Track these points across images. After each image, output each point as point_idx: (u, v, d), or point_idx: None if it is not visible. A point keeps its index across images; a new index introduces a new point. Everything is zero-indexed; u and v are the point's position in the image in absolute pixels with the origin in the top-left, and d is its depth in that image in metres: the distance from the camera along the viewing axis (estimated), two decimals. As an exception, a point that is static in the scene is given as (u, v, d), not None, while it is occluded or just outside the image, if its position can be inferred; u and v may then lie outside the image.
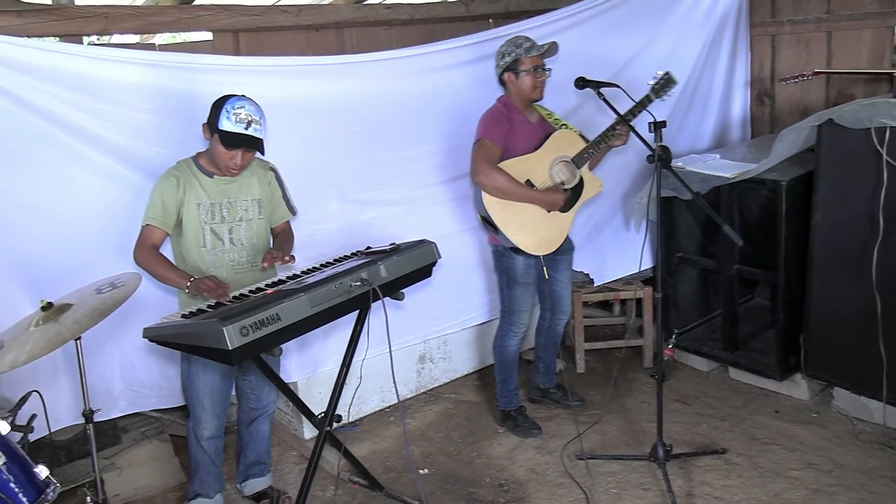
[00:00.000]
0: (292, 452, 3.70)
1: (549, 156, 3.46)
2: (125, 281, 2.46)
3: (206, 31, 3.77)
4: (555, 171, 3.45)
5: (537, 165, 3.44)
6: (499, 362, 3.74)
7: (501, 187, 3.32)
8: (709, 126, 4.78)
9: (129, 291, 2.41)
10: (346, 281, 2.66)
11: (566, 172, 3.47)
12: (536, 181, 3.42)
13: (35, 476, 2.12)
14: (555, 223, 3.49)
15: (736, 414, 3.76)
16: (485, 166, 3.30)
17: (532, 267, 3.54)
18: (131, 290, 2.42)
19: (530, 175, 3.42)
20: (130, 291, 2.41)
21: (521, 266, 3.50)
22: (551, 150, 3.47)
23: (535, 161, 3.44)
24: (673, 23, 4.43)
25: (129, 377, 3.32)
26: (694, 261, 4.32)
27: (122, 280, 2.48)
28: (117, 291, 2.40)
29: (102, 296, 2.41)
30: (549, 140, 3.47)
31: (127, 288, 2.42)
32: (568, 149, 3.48)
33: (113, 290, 2.41)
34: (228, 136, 2.71)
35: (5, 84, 2.80)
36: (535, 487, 3.27)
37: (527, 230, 3.42)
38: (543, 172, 3.44)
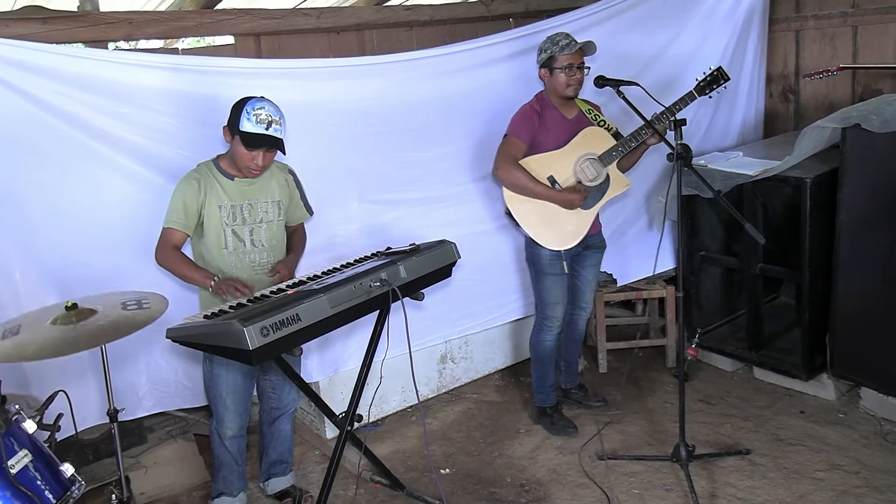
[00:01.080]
0: (315, 452, 3.72)
1: (575, 152, 3.46)
2: (152, 304, 2.48)
3: (228, 34, 3.82)
4: (579, 167, 3.45)
5: (562, 161, 3.45)
6: (534, 358, 3.75)
7: (518, 184, 3.39)
8: (736, 123, 4.73)
9: (153, 316, 2.41)
10: (366, 281, 2.67)
11: (592, 170, 3.46)
12: (559, 177, 3.43)
13: (61, 474, 2.16)
14: (575, 219, 3.49)
15: (760, 414, 3.72)
16: (504, 162, 3.39)
17: (558, 258, 3.54)
18: (156, 315, 2.42)
19: (553, 171, 3.43)
20: (155, 316, 2.42)
21: (546, 257, 3.52)
22: (578, 146, 3.46)
23: (561, 157, 3.45)
24: (697, 20, 4.39)
25: (154, 377, 3.37)
26: (717, 259, 4.28)
27: (150, 302, 2.49)
28: (142, 313, 2.42)
29: (126, 313, 2.42)
30: (577, 136, 3.47)
31: (152, 312, 2.43)
32: (596, 146, 3.47)
33: (138, 310, 2.43)
34: (249, 136, 2.74)
35: (33, 90, 2.86)
36: (556, 488, 3.27)
37: (544, 225, 3.47)
38: (567, 169, 3.44)
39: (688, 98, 3.46)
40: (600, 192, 3.51)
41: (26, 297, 3.00)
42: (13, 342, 2.29)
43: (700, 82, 3.49)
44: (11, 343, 2.28)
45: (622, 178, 3.56)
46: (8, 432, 2.05)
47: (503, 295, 4.10)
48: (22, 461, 2.04)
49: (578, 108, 3.54)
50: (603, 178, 3.48)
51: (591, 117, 3.55)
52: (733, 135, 4.72)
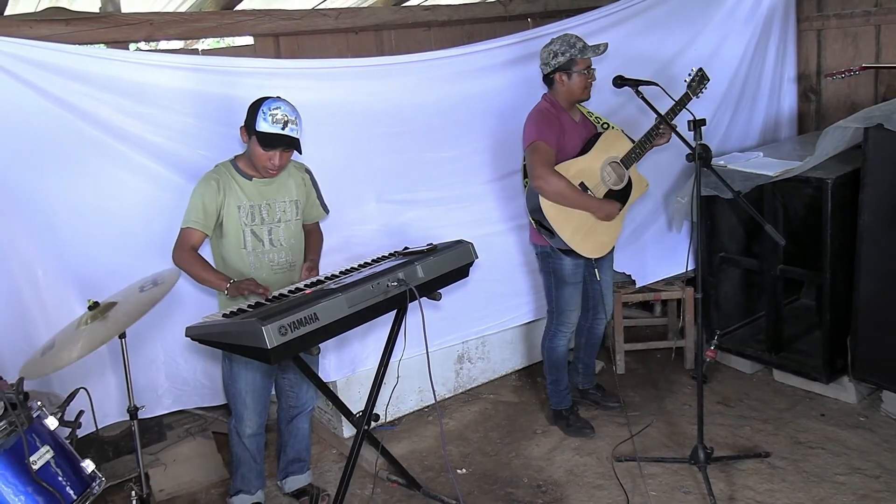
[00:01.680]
0: (332, 451, 3.74)
1: (600, 157, 3.43)
2: (165, 278, 2.52)
3: (247, 35, 3.84)
4: (606, 172, 3.43)
5: (590, 167, 3.40)
6: (548, 363, 3.72)
7: (563, 193, 3.27)
8: (757, 123, 4.70)
9: (168, 287, 2.46)
10: (384, 281, 2.67)
11: (615, 174, 3.45)
12: (590, 184, 3.39)
13: (82, 470, 2.18)
14: (607, 226, 3.46)
15: (780, 417, 3.69)
16: (544, 170, 3.24)
17: (580, 267, 3.52)
18: (170, 285, 2.47)
19: (584, 178, 3.38)
20: (170, 286, 2.47)
21: (570, 266, 3.49)
22: (602, 151, 3.43)
23: (588, 163, 3.40)
24: (717, 20, 4.37)
25: (173, 375, 3.40)
26: (737, 261, 4.24)
27: (163, 277, 2.54)
28: (158, 288, 2.46)
29: (145, 293, 2.47)
30: (600, 141, 3.44)
31: (166, 284, 2.47)
32: (616, 149, 3.46)
33: (154, 287, 2.47)
34: (266, 136, 2.75)
35: (55, 90, 2.90)
36: (573, 489, 3.26)
37: (581, 233, 3.39)
38: (596, 175, 3.41)
39: (685, 99, 3.45)
40: (624, 196, 3.49)
41: (48, 293, 3.05)
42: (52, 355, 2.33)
43: (692, 81, 3.50)
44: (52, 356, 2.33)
45: (641, 179, 3.54)
46: (30, 429, 2.07)
47: (519, 296, 4.10)
48: (44, 457, 2.06)
49: (579, 111, 3.53)
50: (626, 181, 3.47)
51: (592, 119, 3.54)
52: (754, 135, 4.68)
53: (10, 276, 2.97)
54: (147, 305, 2.36)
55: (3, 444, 2.00)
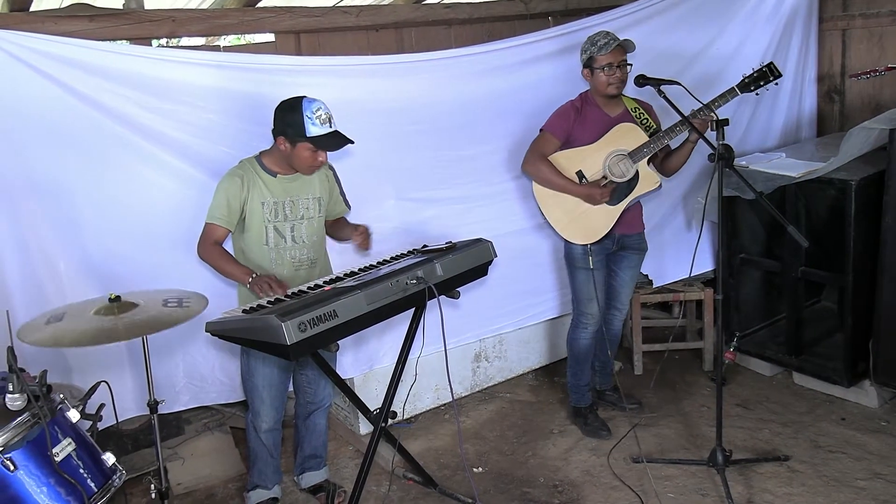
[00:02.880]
0: (348, 447, 3.75)
1: (606, 148, 3.45)
2: (192, 303, 2.51)
3: (269, 32, 3.85)
4: (609, 163, 3.43)
5: (592, 157, 3.46)
6: (570, 356, 3.75)
7: (542, 176, 3.48)
8: (778, 124, 4.65)
9: (190, 315, 2.44)
10: (403, 279, 2.68)
11: (621, 166, 3.44)
12: (588, 172, 3.46)
13: (103, 463, 2.20)
14: (600, 214, 3.48)
15: (799, 420, 3.65)
16: (532, 156, 3.49)
17: (589, 254, 3.53)
18: (193, 315, 2.45)
19: (583, 165, 3.46)
20: (192, 315, 2.45)
21: (579, 252, 3.54)
22: (609, 142, 3.45)
23: (591, 152, 3.46)
24: (739, 19, 4.33)
25: (191, 371, 3.42)
26: (757, 262, 4.21)
27: (190, 301, 2.53)
28: (180, 311, 2.45)
29: (166, 310, 2.46)
30: (609, 133, 3.45)
31: (190, 311, 2.46)
32: (627, 142, 3.44)
33: (177, 308, 2.46)
34: (322, 139, 2.76)
35: (79, 86, 2.92)
36: (589, 489, 3.24)
37: (568, 218, 3.52)
38: (596, 164, 3.45)
39: (728, 94, 3.38)
40: (629, 189, 3.48)
41: (70, 288, 3.07)
42: (55, 328, 2.34)
43: (745, 78, 3.41)
44: (53, 329, 2.34)
45: (652, 175, 3.51)
46: (53, 421, 2.09)
47: (538, 294, 4.09)
48: (66, 449, 2.08)
49: (625, 106, 3.51)
50: (632, 174, 3.45)
51: (636, 115, 3.52)
52: (774, 135, 4.63)
53: (33, 268, 3.00)
54: (165, 325, 2.36)
55: (27, 435, 2.02)
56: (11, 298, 2.93)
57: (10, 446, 1.98)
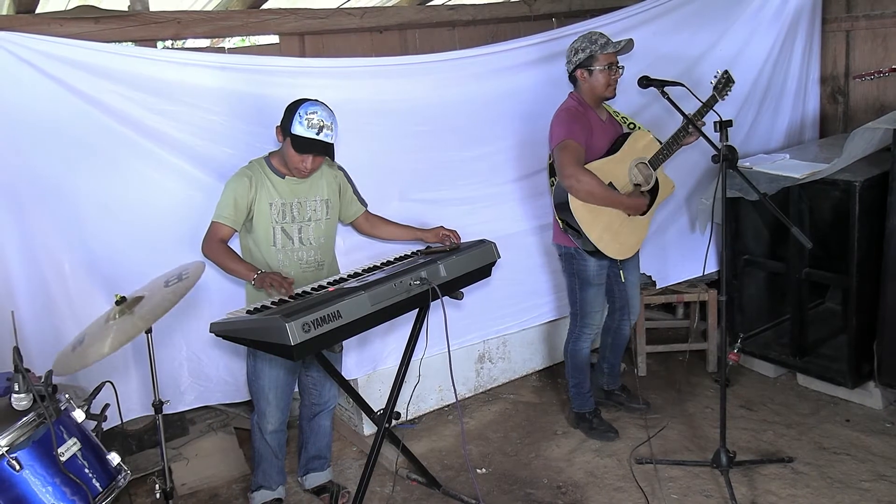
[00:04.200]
0: (352, 448, 3.75)
1: (628, 158, 3.41)
2: (190, 272, 2.54)
3: (273, 34, 3.86)
4: (633, 173, 3.41)
5: (618, 168, 3.38)
6: (572, 366, 3.69)
7: (594, 191, 3.24)
8: (782, 125, 4.65)
9: (193, 281, 2.47)
10: (406, 280, 2.69)
11: (642, 175, 3.43)
12: (618, 184, 3.37)
13: (107, 463, 2.21)
14: (634, 227, 3.44)
15: (804, 422, 3.65)
16: (574, 169, 3.21)
17: (604, 268, 3.50)
18: (195, 279, 2.48)
19: (612, 178, 3.35)
20: (194, 280, 2.47)
21: (594, 268, 3.46)
22: (630, 151, 3.41)
23: (616, 163, 3.38)
24: (743, 20, 4.33)
25: (196, 371, 3.42)
26: (761, 263, 4.21)
27: (188, 271, 2.55)
28: (182, 283, 2.48)
29: (170, 288, 2.49)
30: (628, 141, 3.42)
31: (191, 278, 2.48)
32: (644, 150, 3.43)
33: (179, 282, 2.48)
34: (300, 140, 2.76)
35: (85, 87, 2.93)
36: (593, 490, 3.24)
37: (610, 234, 3.36)
38: (624, 175, 3.39)
39: (711, 101, 3.39)
40: (651, 197, 3.47)
41: (75, 288, 3.08)
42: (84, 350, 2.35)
43: (716, 84, 3.42)
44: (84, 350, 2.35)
45: (668, 180, 3.51)
46: (58, 421, 2.10)
47: (542, 295, 4.09)
48: (71, 449, 2.09)
49: (606, 110, 3.50)
50: (654, 181, 3.44)
51: (619, 119, 3.52)
52: (778, 137, 4.64)
53: (38, 269, 3.01)
54: (174, 300, 2.38)
55: (32, 435, 2.03)
56: (17, 299, 2.95)
57: (16, 446, 1.99)
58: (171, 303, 2.37)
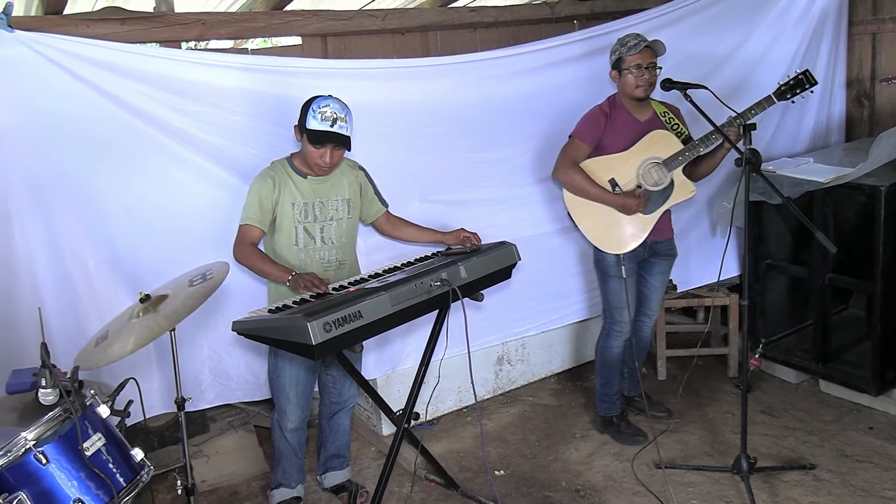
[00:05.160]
0: (371, 448, 3.76)
1: (640, 156, 3.40)
2: (214, 272, 2.56)
3: (296, 35, 3.89)
4: (644, 171, 3.40)
5: (625, 164, 3.40)
6: (600, 364, 3.69)
7: (575, 185, 3.40)
8: (807, 128, 4.60)
9: (217, 282, 2.50)
10: (427, 281, 2.69)
11: (655, 174, 3.41)
12: (621, 180, 3.39)
13: (131, 458, 2.24)
14: (634, 223, 3.44)
15: (826, 429, 3.61)
16: (563, 163, 3.40)
17: (623, 262, 3.49)
18: (220, 280, 2.51)
19: (615, 173, 3.39)
20: (219, 281, 2.51)
21: (611, 260, 3.49)
22: (643, 149, 3.40)
23: (625, 160, 3.40)
24: (768, 22, 4.29)
25: (216, 370, 3.44)
26: (784, 268, 4.17)
27: (212, 271, 2.58)
28: (206, 283, 2.50)
29: (194, 287, 2.51)
30: (642, 140, 3.40)
31: (216, 279, 2.51)
32: (662, 150, 3.41)
33: (203, 282, 2.51)
34: (315, 133, 2.79)
35: (110, 88, 2.96)
36: (612, 494, 3.23)
37: (602, 228, 3.45)
38: (630, 172, 3.40)
39: (765, 102, 3.35)
40: (663, 198, 3.45)
41: (99, 286, 3.11)
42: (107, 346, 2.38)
43: (781, 86, 3.38)
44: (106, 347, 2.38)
45: (688, 184, 3.48)
46: (83, 416, 2.13)
47: (563, 298, 4.07)
48: (96, 444, 2.12)
49: (653, 110, 3.48)
50: (667, 183, 3.42)
51: (665, 120, 3.49)
52: (803, 140, 4.59)
53: (64, 267, 3.04)
54: (198, 300, 2.40)
55: (59, 430, 2.06)
56: (43, 296, 2.98)
57: (43, 440, 2.02)
58: (196, 303, 2.40)
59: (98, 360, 2.33)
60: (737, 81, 4.11)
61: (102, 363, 2.34)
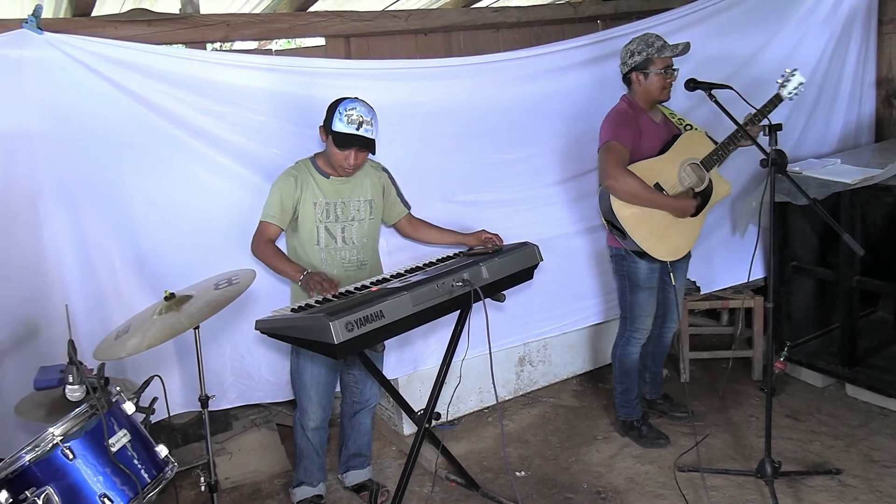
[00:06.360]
0: (392, 448, 3.77)
1: (678, 158, 3.36)
2: (240, 278, 2.59)
3: (319, 36, 3.91)
4: (684, 174, 3.36)
5: (666, 168, 3.34)
6: (619, 370, 3.64)
7: (634, 192, 3.22)
8: (835, 129, 4.54)
9: (242, 288, 2.52)
10: (448, 281, 2.69)
11: (694, 176, 3.38)
12: (665, 184, 3.33)
13: (156, 454, 2.27)
14: (684, 228, 3.38)
15: (852, 433, 3.56)
16: (616, 170, 3.20)
17: (655, 271, 3.44)
18: (244, 287, 2.54)
19: (660, 178, 3.31)
20: (244, 288, 2.53)
21: (645, 270, 3.41)
22: (680, 151, 3.36)
23: (664, 163, 3.34)
24: (794, 21, 4.25)
25: (238, 370, 3.46)
26: (810, 270, 4.12)
27: (238, 277, 2.60)
28: (232, 288, 2.53)
29: (219, 291, 2.54)
30: (678, 142, 3.37)
31: (241, 285, 2.54)
32: (696, 151, 3.37)
33: (228, 286, 2.53)
34: (341, 136, 2.80)
35: (137, 88, 3.00)
36: (634, 497, 3.21)
37: (656, 235, 3.32)
38: (672, 175, 3.35)
39: (776, 100, 3.35)
40: (704, 199, 3.41)
41: (124, 283, 3.15)
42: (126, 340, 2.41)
43: (783, 83, 3.38)
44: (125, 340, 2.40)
45: (724, 181, 3.43)
46: (109, 412, 2.16)
47: (583, 299, 4.06)
48: (121, 440, 2.15)
49: (661, 111, 3.46)
50: (706, 183, 3.39)
51: (675, 121, 3.47)
52: (831, 141, 4.53)
53: (90, 265, 3.09)
54: (221, 304, 2.43)
55: (85, 426, 2.09)
56: (70, 293, 3.02)
57: (69, 436, 2.05)
58: (218, 307, 2.42)
59: (116, 351, 2.35)
60: (762, 81, 4.04)
61: (121, 355, 2.36)
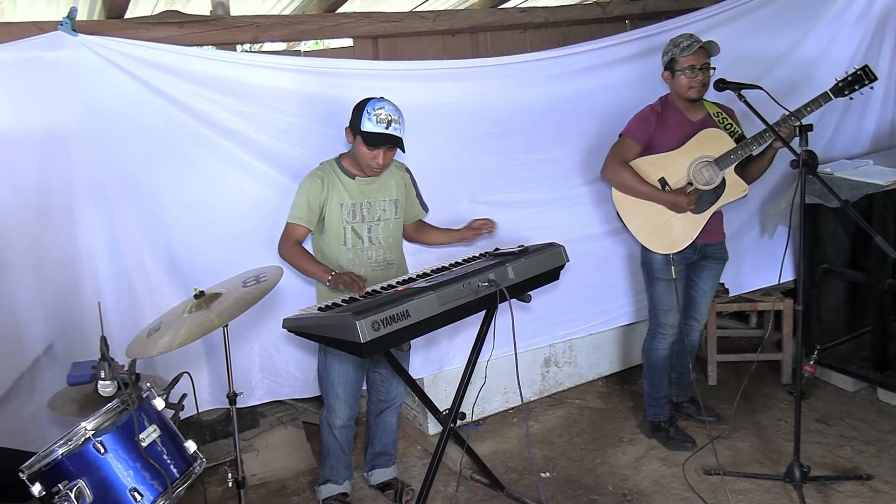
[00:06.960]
0: (417, 447, 3.78)
1: (691, 154, 3.36)
2: (268, 275, 2.61)
3: (347, 37, 3.93)
4: (694, 170, 3.35)
5: (676, 163, 3.37)
6: (647, 366, 3.67)
7: (624, 183, 3.38)
8: (868, 130, 4.47)
9: (270, 285, 2.55)
10: (475, 281, 2.69)
11: (706, 173, 3.36)
12: (671, 179, 3.36)
13: (185, 450, 2.30)
14: (684, 223, 3.40)
15: (884, 439, 3.50)
16: (612, 161, 3.40)
17: (671, 264, 3.45)
18: (272, 284, 2.56)
19: (665, 172, 3.37)
20: (272, 285, 2.56)
21: (659, 261, 3.45)
22: (693, 148, 3.36)
23: (675, 159, 3.37)
24: (826, 21, 4.19)
25: (266, 366, 3.50)
26: (841, 273, 4.06)
27: (266, 274, 2.63)
28: (260, 286, 2.56)
29: (247, 289, 2.57)
30: (694, 139, 3.37)
31: (269, 282, 2.56)
32: (713, 149, 3.36)
33: (257, 284, 2.56)
34: (370, 136, 2.82)
35: (168, 89, 3.05)
36: (659, 500, 3.19)
37: (650, 227, 3.42)
38: (680, 171, 3.36)
39: (821, 99, 3.28)
40: (715, 197, 3.39)
41: (155, 282, 3.20)
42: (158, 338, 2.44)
43: (839, 82, 3.30)
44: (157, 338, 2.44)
45: (740, 183, 3.41)
46: (140, 408, 2.20)
47: (611, 300, 4.04)
48: (151, 436, 2.18)
49: (706, 110, 3.43)
50: (718, 181, 3.36)
51: (718, 121, 3.43)
52: (864, 142, 4.46)
53: (122, 263, 3.14)
54: (250, 302, 2.46)
55: (116, 421, 2.13)
56: (102, 291, 3.08)
57: (101, 430, 2.09)
58: (247, 305, 2.45)
59: (148, 350, 2.39)
60: (793, 81, 4.01)
61: (152, 353, 2.40)
